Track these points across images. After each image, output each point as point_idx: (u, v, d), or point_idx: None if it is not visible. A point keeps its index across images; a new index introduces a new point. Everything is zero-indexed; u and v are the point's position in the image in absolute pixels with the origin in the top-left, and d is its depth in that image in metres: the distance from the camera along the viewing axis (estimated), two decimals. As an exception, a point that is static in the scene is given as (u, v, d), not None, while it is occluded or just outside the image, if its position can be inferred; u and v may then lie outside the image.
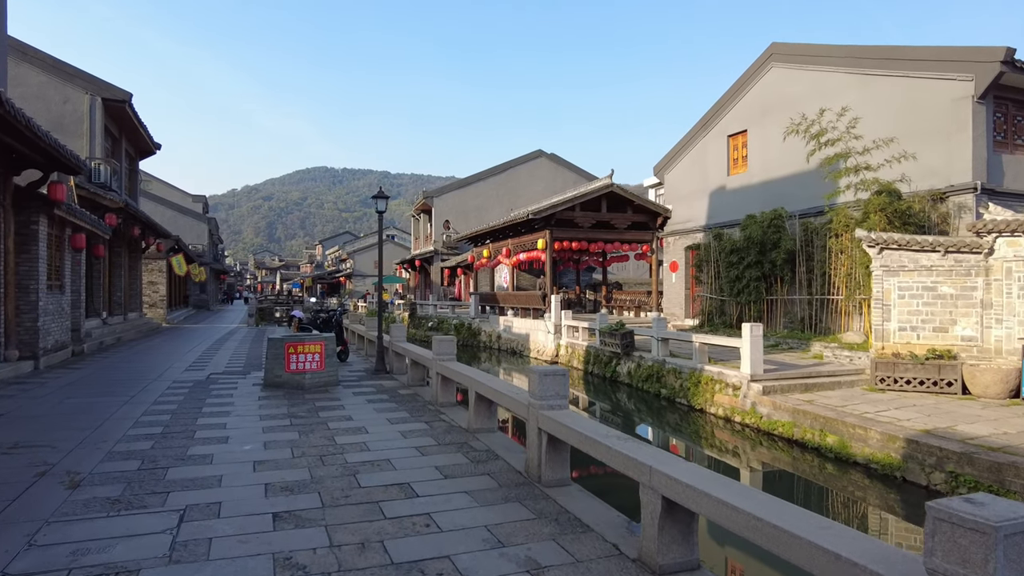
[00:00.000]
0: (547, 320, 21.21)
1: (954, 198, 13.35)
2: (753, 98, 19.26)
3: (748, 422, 11.28)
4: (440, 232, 38.09)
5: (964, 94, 13.31)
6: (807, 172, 17.19)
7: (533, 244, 22.70)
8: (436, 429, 7.11)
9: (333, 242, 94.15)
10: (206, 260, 51.69)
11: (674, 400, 13.71)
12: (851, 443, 9.00)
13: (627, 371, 15.89)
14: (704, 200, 21.21)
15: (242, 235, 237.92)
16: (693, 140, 21.80)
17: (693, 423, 12.43)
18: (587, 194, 21.94)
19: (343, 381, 10.83)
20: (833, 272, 15.91)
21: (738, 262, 18.15)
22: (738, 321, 18.65)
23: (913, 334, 11.68)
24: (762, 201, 18.45)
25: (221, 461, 5.79)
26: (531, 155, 40.37)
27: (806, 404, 10.39)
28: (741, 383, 11.68)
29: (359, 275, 65.63)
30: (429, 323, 29.25)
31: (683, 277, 22.06)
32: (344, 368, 12.74)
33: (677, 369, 13.80)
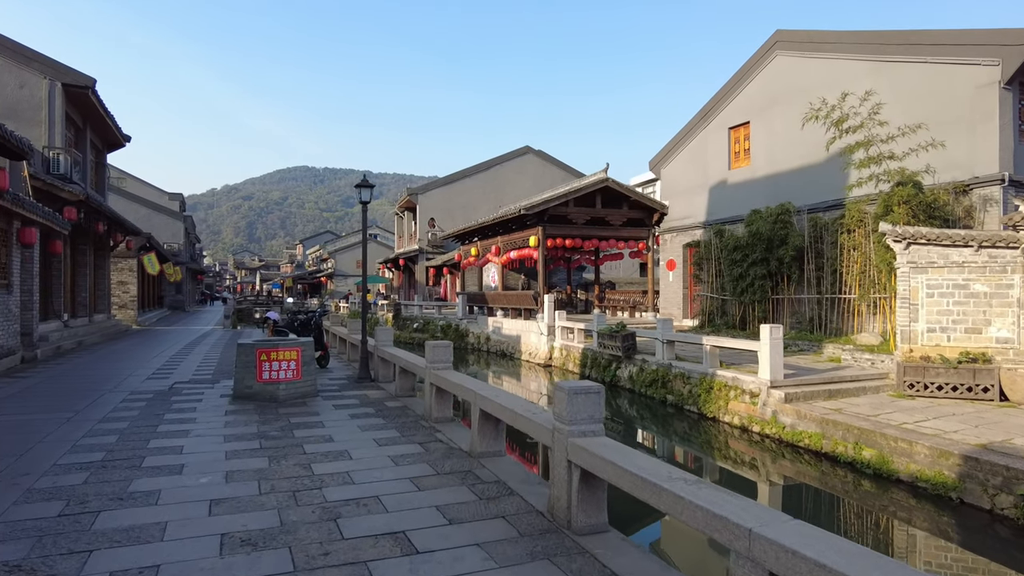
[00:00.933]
0: (539, 321, 20.18)
1: (979, 190, 12.54)
2: (756, 88, 18.40)
3: (769, 432, 10.33)
4: (425, 230, 36.90)
5: (989, 80, 12.50)
6: (816, 165, 16.35)
7: (524, 241, 21.66)
8: (433, 453, 6.03)
9: (314, 241, 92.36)
10: (182, 259, 49.97)
11: (682, 407, 12.74)
12: (893, 458, 8.07)
13: (629, 375, 14.91)
14: (703, 195, 20.31)
15: (222, 235, 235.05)
16: (692, 133, 20.91)
17: (705, 433, 11.46)
18: (581, 189, 20.95)
19: (323, 391, 9.69)
20: (845, 270, 15.07)
21: (742, 260, 17.26)
22: (741, 322, 17.81)
23: (943, 335, 10.81)
24: (766, 196, 17.60)
25: (170, 500, 4.66)
26: (518, 151, 39.34)
27: (834, 413, 9.46)
28: (760, 390, 10.73)
29: (340, 275, 64.16)
30: (414, 324, 28.08)
31: (681, 276, 21.16)
32: (324, 375, 11.59)
33: (685, 374, 12.84)
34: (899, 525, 7.30)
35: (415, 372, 8.27)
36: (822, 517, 7.90)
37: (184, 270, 49.68)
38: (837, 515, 7.85)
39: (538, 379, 18.53)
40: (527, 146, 39.53)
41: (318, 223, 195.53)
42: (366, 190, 10.47)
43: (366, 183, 10.51)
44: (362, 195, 10.50)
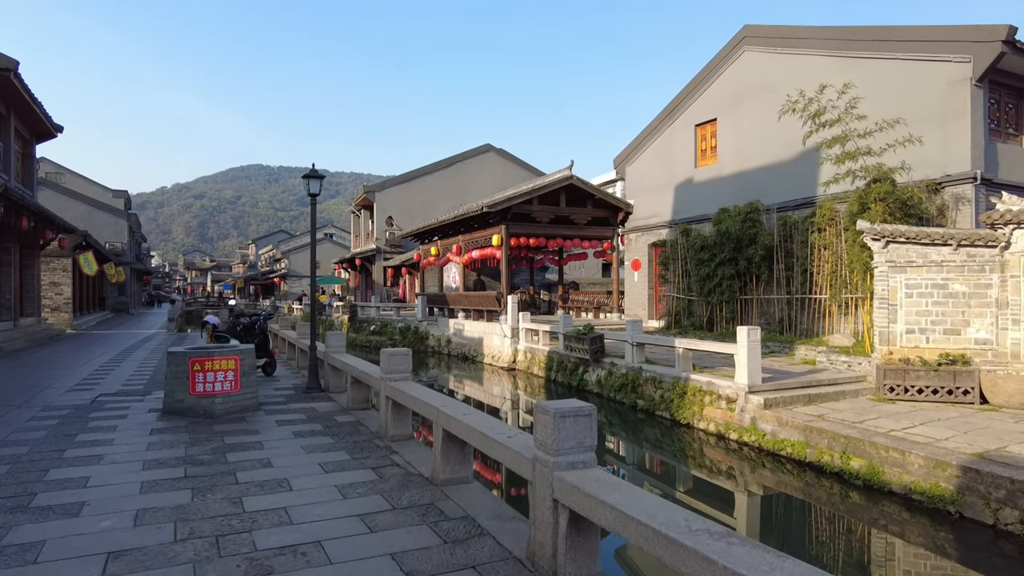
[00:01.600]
0: (503, 323, 19.44)
1: (951, 189, 12.32)
2: (724, 85, 18.03)
3: (748, 440, 9.79)
4: (383, 229, 35.75)
5: (961, 77, 12.29)
6: (785, 162, 16.05)
7: (487, 240, 20.88)
8: (388, 480, 5.20)
9: (267, 241, 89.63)
10: (126, 260, 47.52)
11: (654, 413, 12.17)
12: (884, 468, 7.58)
13: (597, 379, 14.28)
14: (669, 194, 19.89)
15: (172, 235, 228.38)
16: (657, 130, 20.47)
17: (679, 441, 10.89)
18: (545, 186, 20.29)
19: (267, 404, 8.73)
20: (816, 269, 14.76)
21: (709, 259, 16.85)
22: (708, 323, 17.40)
23: (922, 337, 10.47)
24: (734, 194, 17.23)
25: (54, 555, 3.73)
26: (480, 149, 38.52)
27: (817, 420, 8.97)
28: (737, 395, 10.20)
29: (295, 275, 62.22)
30: (371, 327, 26.99)
31: (646, 276, 20.70)
32: (270, 385, 10.59)
33: (656, 378, 12.26)
34: (894, 541, 6.79)
35: (369, 383, 7.41)
36: (810, 532, 7.36)
37: (128, 271, 47.25)
38: (826, 530, 7.32)
39: (502, 383, 17.78)
40: (488, 144, 38.76)
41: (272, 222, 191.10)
42: (315, 182, 9.54)
43: (315, 174, 9.57)
44: (310, 187, 9.57)
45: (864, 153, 11.12)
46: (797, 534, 7.40)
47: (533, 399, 15.59)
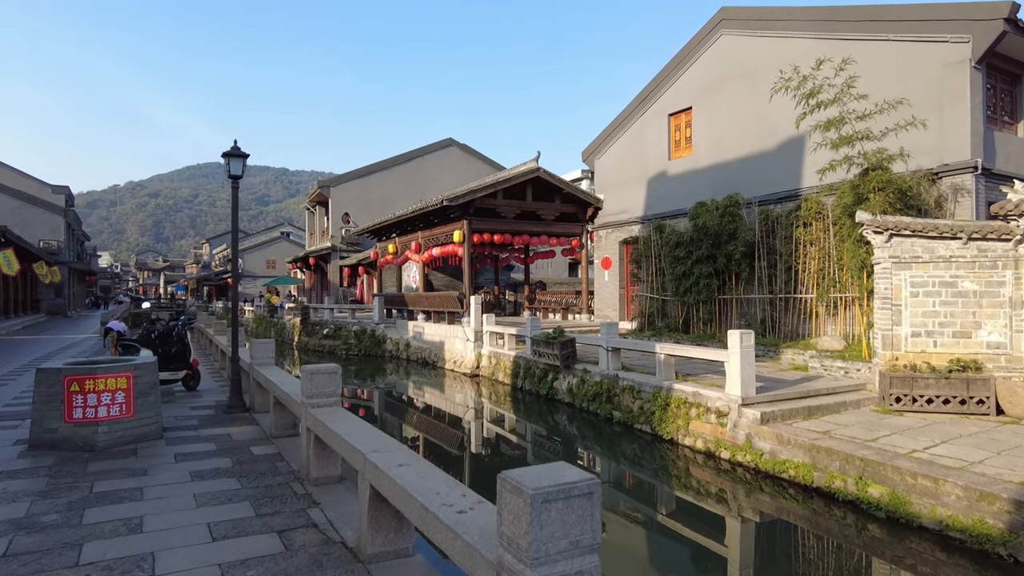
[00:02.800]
0: (465, 325, 18.02)
1: (949, 179, 11.37)
2: (699, 71, 16.95)
3: (742, 460, 8.59)
4: (338, 226, 33.91)
5: (959, 58, 11.36)
6: (766, 153, 15.02)
7: (448, 237, 19.42)
8: (297, 554, 3.76)
9: (221, 240, 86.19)
10: (63, 258, 44.50)
11: (632, 426, 10.91)
12: (911, 498, 6.42)
13: (568, 388, 12.99)
14: (641, 188, 18.74)
15: (126, 234, 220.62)
16: (628, 121, 19.31)
17: (662, 459, 9.65)
18: (510, 179, 18.93)
19: (174, 429, 7.15)
20: (801, 267, 13.74)
21: (685, 256, 15.73)
22: (684, 324, 16.30)
23: (929, 340, 9.44)
24: (711, 187, 16.16)
25: None
26: (441, 143, 36.97)
27: (823, 438, 7.81)
28: (728, 408, 9.00)
29: (249, 276, 59.55)
30: (324, 330, 25.24)
31: (617, 275, 19.53)
32: (187, 403, 8.98)
33: (635, 387, 11.02)
34: (933, 591, 5.63)
35: (291, 408, 5.92)
36: (822, 571, 6.17)
37: (66, 271, 44.26)
38: (841, 569, 6.13)
39: (464, 392, 16.36)
40: (450, 138, 37.25)
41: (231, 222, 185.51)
42: (235, 161, 7.98)
43: (236, 152, 8.01)
44: (230, 167, 8.01)
45: (862, 137, 10.06)
46: (806, 572, 6.20)
47: (498, 410, 14.22)
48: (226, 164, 7.98)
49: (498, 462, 10.87)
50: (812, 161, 13.47)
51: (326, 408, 5.02)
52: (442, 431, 12.85)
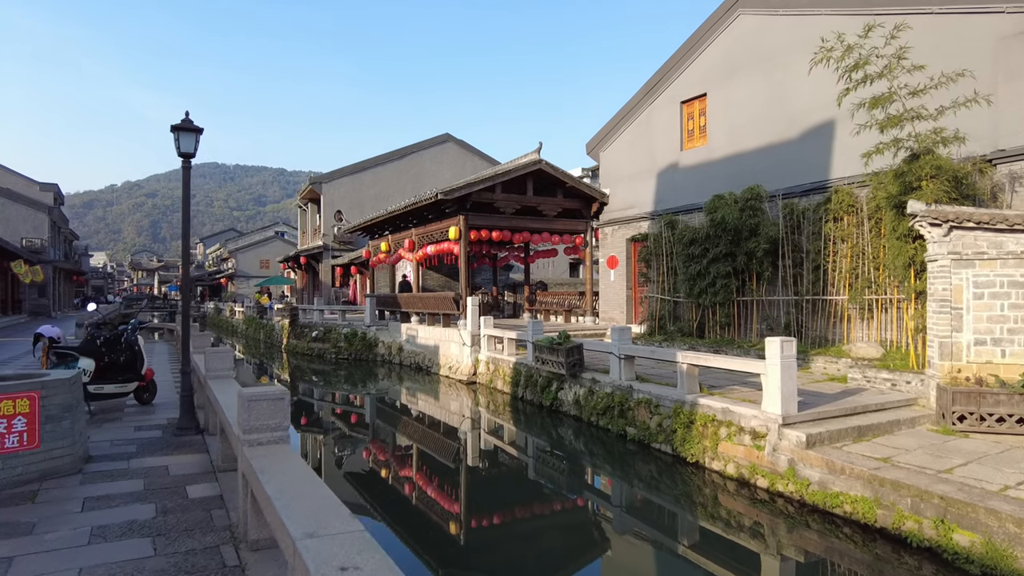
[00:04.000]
0: (462, 329, 16.74)
1: (1005, 166, 10.09)
2: (715, 55, 15.69)
3: (784, 490, 7.32)
4: (330, 224, 32.58)
5: (1015, 30, 10.09)
6: (790, 141, 13.76)
7: (443, 234, 18.14)
8: None
9: (215, 240, 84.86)
10: (47, 257, 43.15)
11: (649, 445, 9.64)
12: (1017, 552, 5.15)
13: (574, 399, 11.71)
14: (651, 181, 17.48)
15: (122, 234, 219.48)
16: (636, 110, 18.05)
17: (685, 484, 8.38)
18: (510, 172, 17.66)
19: (102, 459, 5.86)
20: (831, 266, 12.49)
21: (701, 255, 14.46)
22: (699, 328, 15.03)
23: (996, 350, 8.18)
24: (728, 180, 14.90)
25: None
26: (437, 139, 35.69)
27: (885, 467, 6.54)
28: (767, 428, 7.73)
29: (242, 276, 58.26)
30: (313, 332, 23.93)
31: (624, 274, 18.26)
32: (133, 422, 7.68)
33: (652, 400, 9.74)
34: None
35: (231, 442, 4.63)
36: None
37: (50, 270, 42.90)
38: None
39: (460, 400, 15.08)
40: (447, 133, 35.95)
41: (228, 222, 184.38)
42: (186, 136, 6.68)
43: (187, 125, 6.71)
44: (181, 143, 6.71)
45: (914, 117, 8.78)
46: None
47: (497, 421, 12.93)
48: (175, 139, 6.68)
49: (497, 484, 9.60)
50: (850, 147, 12.21)
51: (268, 448, 3.73)
52: (435, 444, 11.56)
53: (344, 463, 11.20)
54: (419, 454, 11.31)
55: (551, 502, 8.74)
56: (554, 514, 8.29)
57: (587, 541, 7.45)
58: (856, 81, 8.97)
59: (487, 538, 7.56)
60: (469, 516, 8.18)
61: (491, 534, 7.68)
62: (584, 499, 8.89)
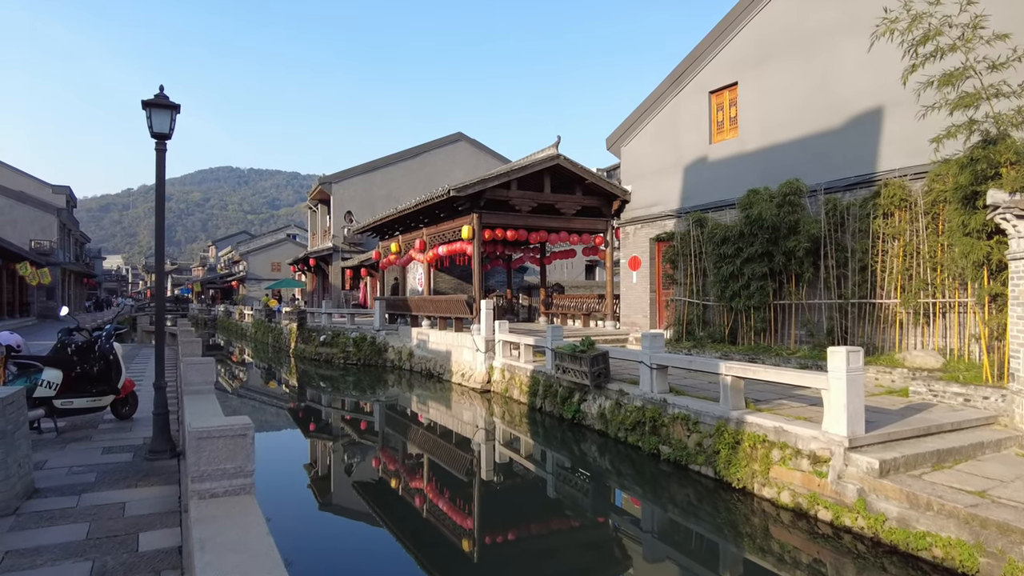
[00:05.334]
0: (475, 334, 15.77)
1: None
2: (747, 40, 14.63)
3: (852, 525, 6.26)
4: (340, 225, 31.78)
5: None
6: (832, 131, 12.67)
7: (456, 233, 17.19)
8: None
9: (227, 242, 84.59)
10: (56, 259, 42.71)
11: (686, 467, 8.60)
12: None
13: (599, 412, 10.69)
14: (677, 177, 16.42)
15: (138, 237, 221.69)
16: (660, 102, 17.01)
17: (730, 513, 7.33)
18: (526, 168, 16.68)
19: (49, 492, 4.92)
20: (880, 267, 11.38)
21: (734, 255, 13.40)
22: (731, 334, 13.96)
23: (1094, 362, 7.07)
24: (761, 174, 13.84)
25: None
26: (450, 138, 34.81)
27: (983, 503, 5.47)
28: (830, 452, 6.67)
29: (253, 278, 57.72)
30: (321, 336, 23.05)
31: (648, 276, 17.20)
32: (103, 441, 6.77)
33: (690, 416, 8.69)
34: None
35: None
36: None
37: (58, 272, 42.45)
38: None
39: (473, 409, 14.10)
40: (459, 132, 35.06)
41: (242, 225, 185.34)
42: (160, 114, 5.76)
43: (161, 101, 5.79)
44: (154, 122, 5.79)
45: (993, 95, 7.69)
46: None
47: (513, 433, 11.93)
48: (147, 117, 5.76)
49: (514, 501, 8.62)
50: (901, 136, 11.14)
51: (224, 501, 2.77)
52: (448, 457, 10.58)
53: (353, 473, 10.42)
54: (431, 467, 10.37)
55: (572, 523, 7.83)
56: (576, 536, 7.41)
57: (613, 568, 6.52)
58: (924, 56, 7.90)
59: (503, 558, 6.84)
60: (484, 534, 7.37)
61: (507, 554, 6.93)
62: (610, 522, 7.93)
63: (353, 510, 8.60)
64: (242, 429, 2.88)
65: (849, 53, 12.29)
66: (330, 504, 8.92)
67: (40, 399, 6.72)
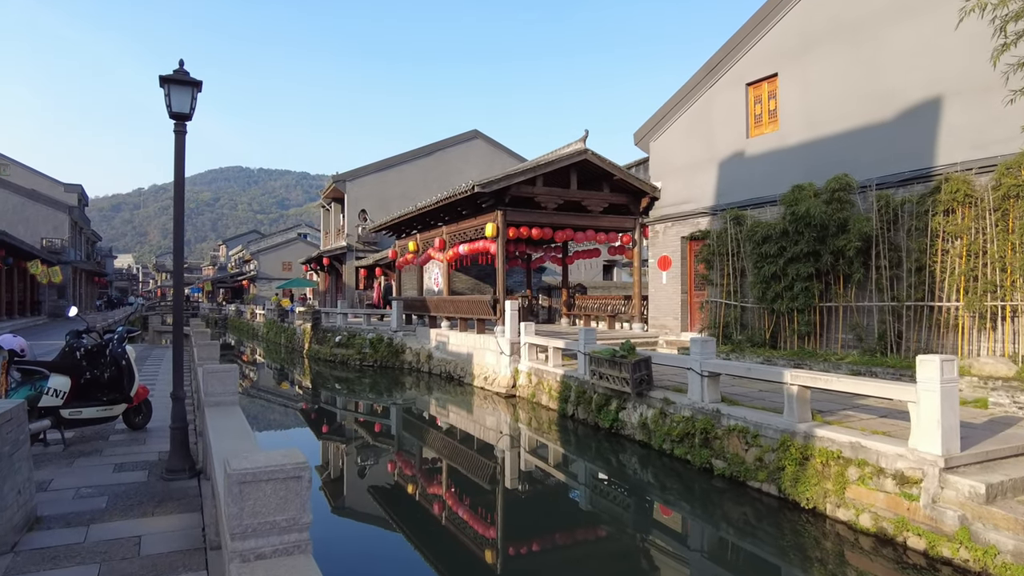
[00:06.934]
0: (499, 336, 15.11)
1: None
2: (787, 29, 13.90)
3: (954, 557, 5.56)
4: (354, 224, 31.20)
5: None
6: (884, 123, 11.94)
7: (479, 231, 16.54)
8: None
9: (238, 242, 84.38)
10: (67, 258, 42.37)
11: (744, 483, 7.90)
12: None
13: (640, 421, 9.99)
14: (710, 173, 15.71)
15: (148, 237, 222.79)
16: (693, 95, 16.29)
17: (798, 535, 6.64)
18: (553, 163, 16.01)
19: (54, 521, 4.31)
20: (939, 267, 10.64)
21: (776, 254, 12.69)
22: (771, 338, 13.24)
23: None
24: (803, 169, 13.13)
25: None
26: (465, 135, 34.17)
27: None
28: (921, 472, 5.96)
29: (264, 278, 57.30)
30: (336, 337, 22.46)
31: (678, 276, 16.49)
32: (115, 456, 6.15)
33: (748, 429, 7.99)
34: None
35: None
36: None
37: (69, 271, 42.12)
38: None
39: (497, 415, 13.45)
40: (475, 130, 34.42)
41: (251, 225, 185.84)
42: (180, 91, 5.13)
43: (182, 77, 5.17)
44: (172, 101, 5.17)
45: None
46: None
47: (542, 441, 11.26)
48: (165, 95, 5.13)
49: (545, 513, 8.00)
50: (965, 127, 10.41)
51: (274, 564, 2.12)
52: (473, 465, 9.93)
53: (372, 480, 9.90)
54: (456, 475, 9.77)
55: (610, 538, 7.27)
56: (615, 551, 6.81)
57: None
58: (1016, 34, 7.17)
59: (532, 572, 6.36)
60: (512, 544, 6.90)
61: (536, 568, 6.43)
62: (653, 538, 7.30)
63: (372, 515, 8.14)
64: (295, 469, 2.23)
65: (902, 40, 11.57)
66: (344, 507, 8.50)
67: (46, 408, 6.12)
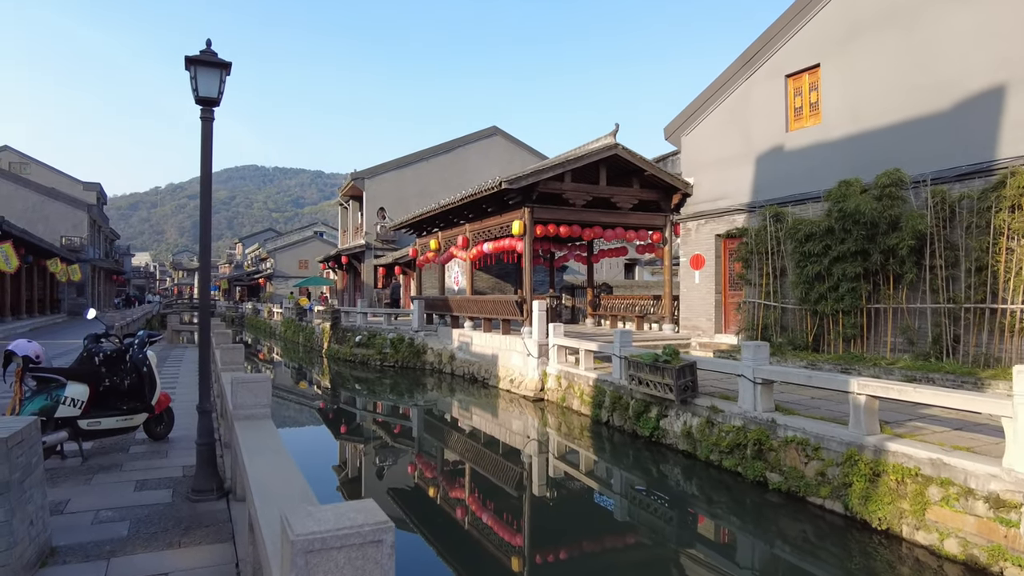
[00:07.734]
0: (526, 337, 14.61)
1: None
2: (830, 17, 13.25)
3: (1062, 594, 4.98)
4: (373, 222, 30.82)
5: None
6: (935, 115, 11.27)
7: (504, 229, 16.04)
8: None
9: (254, 240, 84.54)
10: (86, 256, 42.44)
11: (804, 499, 7.34)
12: None
13: (684, 430, 9.45)
14: (747, 168, 15.08)
15: (165, 235, 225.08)
16: (728, 87, 15.67)
17: (868, 558, 6.10)
18: (581, 158, 15.47)
19: (73, 550, 3.87)
20: (1001, 267, 9.98)
21: (821, 253, 12.09)
22: (814, 341, 12.63)
23: None
24: (848, 164, 12.49)
25: None
26: (484, 132, 33.67)
27: None
28: (1021, 496, 5.38)
29: (280, 276, 57.21)
30: (356, 337, 22.07)
31: (712, 276, 15.88)
32: (136, 471, 5.72)
33: (808, 441, 7.42)
34: None
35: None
36: None
37: (88, 268, 42.18)
38: None
39: (524, 419, 12.96)
40: (494, 126, 33.91)
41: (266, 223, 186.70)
42: (207, 73, 4.68)
43: (210, 58, 4.71)
44: (199, 85, 4.71)
45: None
46: None
47: (574, 448, 10.75)
48: (192, 77, 4.69)
49: (577, 524, 7.49)
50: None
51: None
52: (501, 472, 9.45)
53: (394, 482, 9.56)
54: (482, 479, 9.36)
55: (649, 551, 6.87)
56: (654, 566, 6.45)
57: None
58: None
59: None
60: (535, 553, 6.58)
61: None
62: (697, 553, 6.81)
63: (394, 518, 7.62)
64: (375, 532, 1.73)
65: (960, 26, 10.90)
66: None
67: (63, 419, 5.71)
